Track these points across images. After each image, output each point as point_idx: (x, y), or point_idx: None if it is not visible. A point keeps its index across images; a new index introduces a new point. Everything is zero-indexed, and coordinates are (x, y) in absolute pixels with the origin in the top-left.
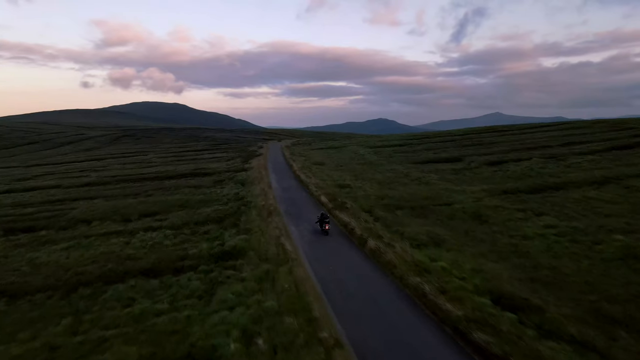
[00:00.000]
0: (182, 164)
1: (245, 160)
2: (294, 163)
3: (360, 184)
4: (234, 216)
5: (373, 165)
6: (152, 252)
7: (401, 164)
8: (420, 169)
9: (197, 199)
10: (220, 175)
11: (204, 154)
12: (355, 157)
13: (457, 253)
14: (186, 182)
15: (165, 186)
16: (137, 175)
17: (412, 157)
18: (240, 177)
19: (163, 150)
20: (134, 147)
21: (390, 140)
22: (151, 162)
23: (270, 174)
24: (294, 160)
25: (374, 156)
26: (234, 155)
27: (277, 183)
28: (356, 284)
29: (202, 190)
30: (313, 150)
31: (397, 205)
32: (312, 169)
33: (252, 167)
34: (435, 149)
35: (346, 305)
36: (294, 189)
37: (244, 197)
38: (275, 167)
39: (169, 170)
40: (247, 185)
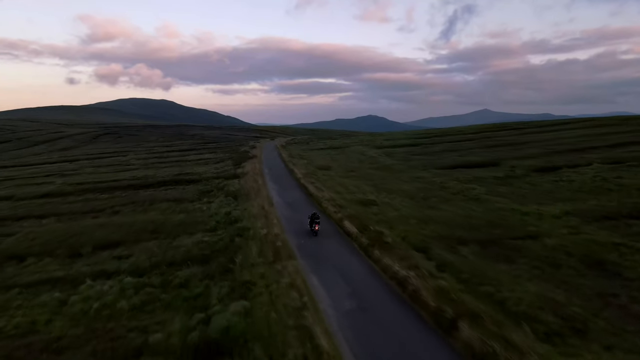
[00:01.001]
0: (165, 167)
1: (237, 164)
2: (295, 168)
3: (387, 199)
4: (226, 254)
5: (391, 170)
6: (89, 336)
7: (425, 170)
8: (454, 176)
9: (176, 221)
10: (208, 183)
11: (190, 155)
12: (365, 159)
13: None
14: (165, 193)
15: (138, 198)
16: (109, 182)
17: (435, 161)
18: (231, 186)
19: (145, 150)
20: (114, 147)
21: (397, 139)
22: (129, 165)
23: (268, 183)
24: (294, 164)
25: (388, 159)
26: (224, 156)
27: (279, 196)
28: None
29: (184, 205)
30: (313, 151)
31: (456, 237)
32: (319, 175)
33: (245, 172)
34: (457, 150)
35: None
36: (302, 207)
37: (238, 219)
38: (273, 172)
39: (147, 176)
40: (242, 199)
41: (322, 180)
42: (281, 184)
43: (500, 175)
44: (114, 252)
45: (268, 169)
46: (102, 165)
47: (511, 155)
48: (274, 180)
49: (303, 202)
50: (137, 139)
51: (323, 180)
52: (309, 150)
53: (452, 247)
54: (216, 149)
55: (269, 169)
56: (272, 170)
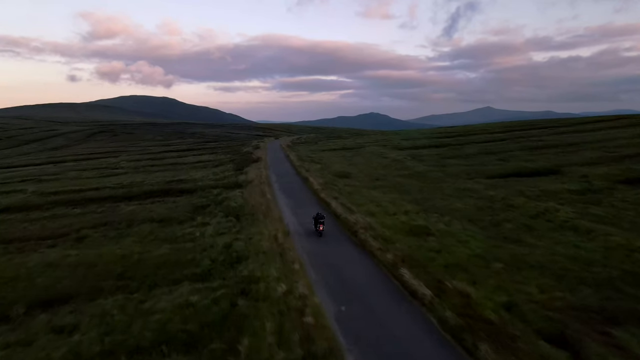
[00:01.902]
0: (157, 172)
1: (239, 168)
2: (309, 175)
3: (442, 224)
4: (223, 334)
5: (427, 179)
6: None
7: (472, 179)
8: (515, 188)
9: (156, 257)
10: (205, 194)
11: (188, 156)
12: (390, 164)
13: None
14: (150, 209)
15: (115, 217)
16: (88, 191)
17: (478, 167)
18: (233, 200)
19: (139, 150)
20: (108, 146)
21: (416, 138)
22: (118, 168)
23: (278, 196)
24: (306, 169)
25: (417, 163)
26: (225, 158)
27: (295, 219)
28: None
29: (171, 229)
30: (324, 153)
31: (594, 308)
32: (339, 185)
33: (249, 180)
34: (495, 152)
35: None
36: (333, 238)
37: (241, 256)
38: (283, 181)
39: (134, 183)
40: (246, 220)
41: (346, 194)
42: (295, 199)
43: (574, 187)
44: (55, 315)
45: (276, 176)
46: (88, 169)
47: (568, 161)
48: (285, 193)
49: (332, 229)
50: (134, 137)
51: (347, 193)
52: (320, 152)
53: (603, 334)
54: (216, 149)
55: (278, 176)
56: (282, 177)
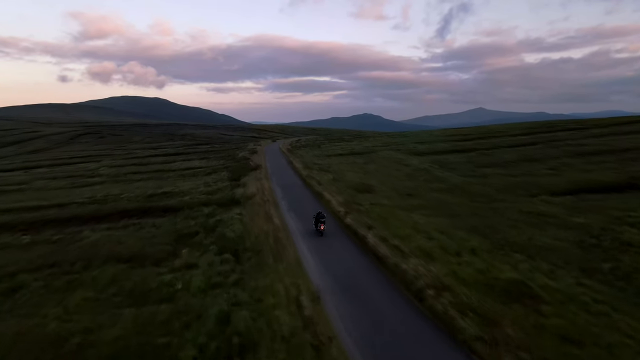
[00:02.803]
0: (139, 181)
1: (235, 177)
2: (323, 189)
3: (547, 278)
4: None
5: (472, 194)
6: None
7: (533, 195)
8: (609, 213)
9: (105, 346)
10: (193, 214)
11: (177, 161)
12: (414, 173)
13: None
14: (121, 237)
15: (70, 253)
16: (49, 208)
17: (528, 179)
18: (229, 226)
19: (124, 154)
20: (91, 149)
21: (432, 142)
22: (96, 176)
23: (290, 223)
24: (318, 181)
25: (450, 173)
26: (218, 165)
27: (319, 261)
28: None
29: (143, 275)
30: (331, 158)
31: None
32: (365, 205)
33: (249, 195)
34: (539, 159)
35: None
36: (396, 316)
37: (247, 343)
38: (291, 197)
39: (109, 197)
40: (249, 263)
41: (379, 218)
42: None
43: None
44: None
45: (282, 190)
46: (61, 177)
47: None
48: (298, 217)
49: (384, 289)
50: (121, 139)
51: (380, 217)
52: (326, 157)
53: None
54: (208, 153)
55: (283, 189)
56: (288, 192)
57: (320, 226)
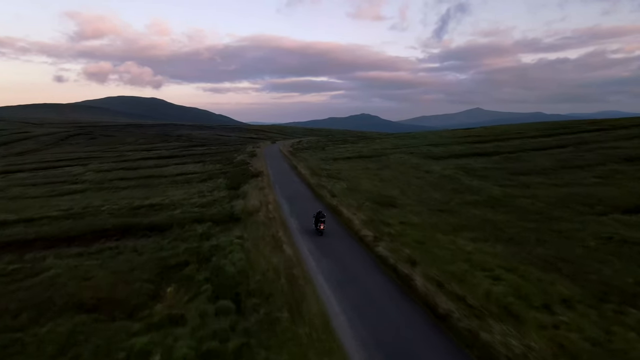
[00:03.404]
0: (125, 189)
1: (234, 186)
2: (338, 202)
3: None
4: None
5: (519, 210)
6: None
7: (602, 214)
8: None
9: None
10: (183, 235)
11: (170, 165)
12: (439, 181)
13: None
14: (90, 269)
15: (18, 296)
16: (13, 225)
17: (580, 190)
18: (228, 256)
19: (115, 157)
20: (81, 150)
21: (445, 144)
22: (78, 182)
23: (303, 251)
24: (329, 190)
25: (482, 182)
26: (214, 169)
27: (350, 314)
28: None
29: (108, 336)
30: (338, 162)
31: None
32: (394, 224)
33: (251, 210)
34: (579, 165)
35: None
36: None
37: None
38: (302, 214)
39: (86, 211)
40: (256, 318)
41: (419, 247)
42: (337, 260)
43: None
44: None
45: (289, 203)
46: (41, 183)
47: None
48: (316, 243)
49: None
50: (113, 140)
51: (418, 244)
52: (333, 161)
53: None
54: (204, 156)
55: (290, 202)
56: (297, 205)
57: (320, 225)
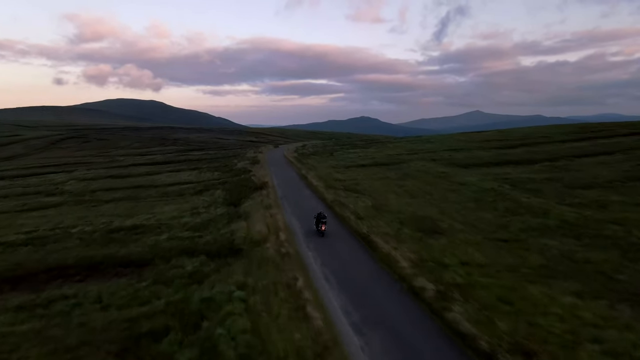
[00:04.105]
0: (108, 203)
1: (233, 201)
2: (369, 229)
3: None
4: None
5: (615, 243)
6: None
7: None
8: None
9: None
10: (165, 276)
11: (163, 172)
12: (482, 196)
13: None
14: (21, 336)
15: None
16: None
17: None
18: (225, 325)
19: (105, 163)
20: (72, 155)
21: (466, 148)
22: (57, 194)
23: (337, 315)
24: (354, 211)
25: (544, 201)
26: (211, 178)
27: None
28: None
29: None
30: (352, 170)
31: None
32: (457, 269)
33: (255, 238)
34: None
35: None
36: None
37: None
38: (324, 246)
39: (51, 236)
40: None
41: (512, 312)
42: (396, 336)
43: None
44: None
45: (304, 228)
46: (14, 194)
47: None
48: (352, 300)
49: None
50: (107, 144)
51: (507, 304)
52: (345, 169)
53: None
54: (201, 162)
55: (305, 225)
56: (320, 236)
57: (322, 227)
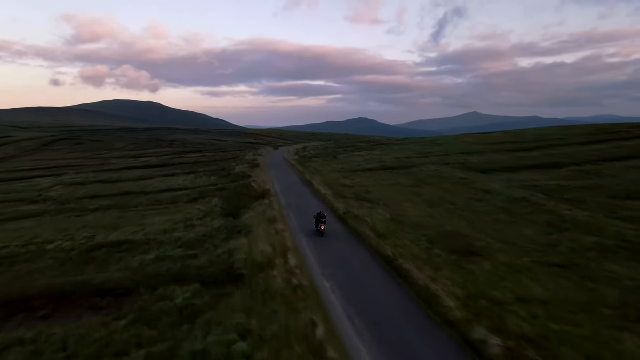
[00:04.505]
0: (93, 213)
1: (232, 212)
2: (392, 249)
3: None
4: None
5: None
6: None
7: None
8: None
9: None
10: (150, 312)
11: (156, 177)
12: (512, 207)
13: None
14: None
15: None
16: None
17: None
18: None
19: (97, 165)
20: (63, 157)
21: (479, 152)
22: (39, 201)
23: None
24: (372, 226)
25: (592, 214)
26: (208, 184)
27: None
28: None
29: None
30: (359, 175)
31: None
32: (511, 304)
33: (258, 260)
34: None
35: None
36: None
37: None
38: (339, 271)
39: (22, 254)
40: None
41: None
42: None
43: None
44: None
45: (318, 250)
46: None
47: None
48: None
49: None
50: (100, 146)
51: None
52: (352, 174)
53: None
54: (198, 165)
55: (320, 247)
56: (333, 254)
57: (321, 226)
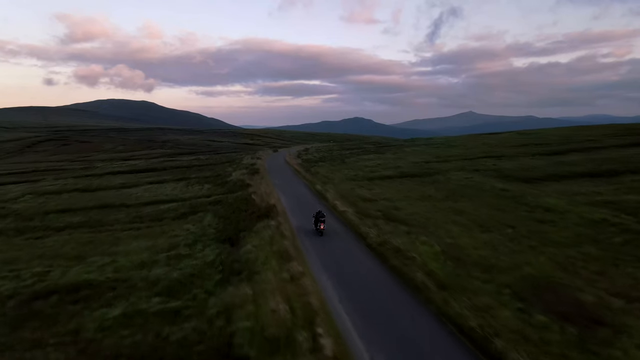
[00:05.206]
0: (54, 234)
1: (229, 236)
2: (489, 332)
3: None
4: None
5: None
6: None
7: None
8: None
9: None
10: None
11: (141, 184)
12: (596, 233)
13: None
14: None
15: None
16: None
17: None
18: None
19: (78, 170)
20: (45, 160)
21: (507, 155)
22: (2, 215)
23: None
24: (425, 268)
25: None
26: (201, 194)
27: None
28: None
29: None
30: (377, 184)
31: None
32: None
33: (270, 334)
34: None
35: None
36: None
37: None
38: None
39: None
40: None
41: None
42: None
43: None
44: None
45: (357, 311)
46: None
47: None
48: None
49: None
50: (87, 147)
51: None
52: (369, 182)
53: None
54: (190, 169)
55: (357, 307)
56: (380, 325)
57: (321, 225)
